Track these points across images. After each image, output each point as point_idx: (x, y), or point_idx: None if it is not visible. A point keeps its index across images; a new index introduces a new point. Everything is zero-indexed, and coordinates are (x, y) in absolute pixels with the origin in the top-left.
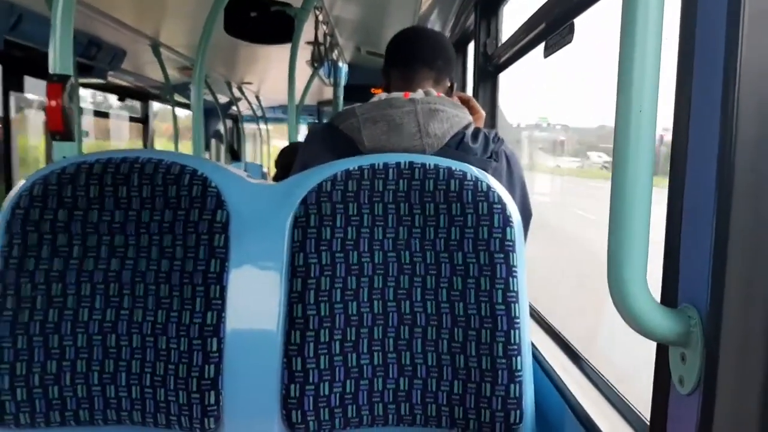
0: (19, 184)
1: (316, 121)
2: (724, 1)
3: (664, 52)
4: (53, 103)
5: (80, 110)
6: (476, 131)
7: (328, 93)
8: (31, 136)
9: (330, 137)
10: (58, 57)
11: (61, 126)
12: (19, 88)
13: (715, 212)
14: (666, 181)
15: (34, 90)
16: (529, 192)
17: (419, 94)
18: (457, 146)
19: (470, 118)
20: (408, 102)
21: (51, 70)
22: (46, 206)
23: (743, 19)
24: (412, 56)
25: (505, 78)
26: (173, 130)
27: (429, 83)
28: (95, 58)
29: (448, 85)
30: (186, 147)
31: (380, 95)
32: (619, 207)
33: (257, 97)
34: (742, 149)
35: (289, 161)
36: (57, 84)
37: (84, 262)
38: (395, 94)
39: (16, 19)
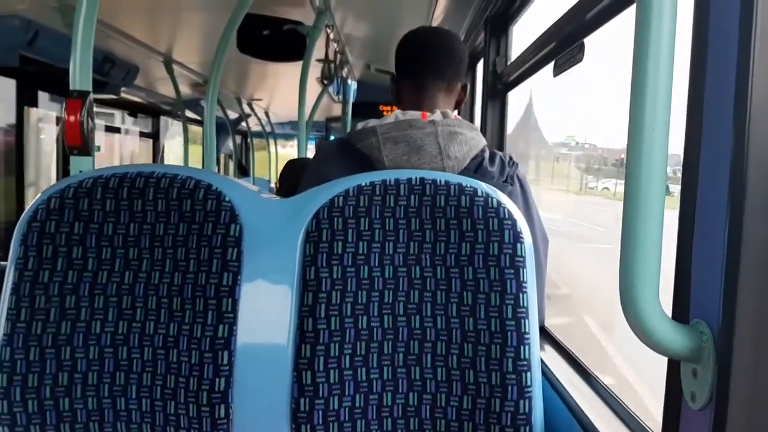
0: (36, 197)
1: (323, 136)
2: (736, 17)
3: (676, 71)
4: (72, 118)
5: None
6: (492, 154)
7: (336, 109)
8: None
9: (346, 156)
10: (78, 74)
11: (80, 141)
12: (34, 104)
13: (727, 227)
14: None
15: (48, 106)
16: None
17: (437, 115)
18: (476, 169)
19: (485, 140)
20: (428, 124)
21: (71, 87)
22: (62, 219)
23: (755, 36)
24: (422, 68)
25: (534, 96)
26: (183, 145)
27: (441, 94)
28: (109, 74)
29: (461, 87)
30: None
31: (396, 113)
32: (631, 223)
33: (266, 113)
34: (755, 164)
35: (296, 178)
36: (77, 100)
37: (98, 274)
38: (412, 114)
39: (33, 36)
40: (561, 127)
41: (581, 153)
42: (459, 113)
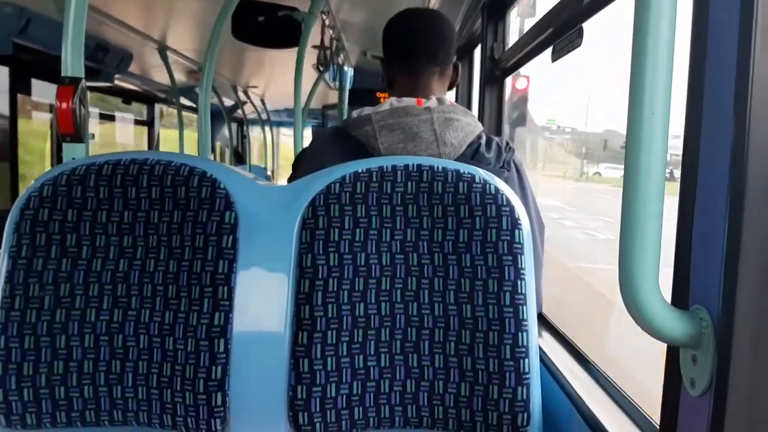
0: (29, 185)
1: (320, 123)
2: (737, 5)
3: (677, 55)
4: (64, 105)
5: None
6: (489, 140)
7: (333, 97)
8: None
9: (342, 144)
10: (70, 60)
11: (72, 128)
12: (27, 91)
13: (727, 213)
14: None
15: (42, 93)
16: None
17: (433, 102)
18: (472, 156)
19: (481, 126)
20: (424, 110)
21: (63, 73)
22: (56, 207)
23: (756, 22)
24: (414, 52)
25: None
26: (179, 133)
27: (434, 79)
28: (103, 61)
29: (452, 68)
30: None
31: (391, 100)
32: (630, 209)
33: (262, 101)
34: (755, 149)
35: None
36: (68, 86)
37: (92, 262)
38: (408, 101)
39: (25, 23)
40: (542, 110)
41: (566, 137)
42: (456, 98)
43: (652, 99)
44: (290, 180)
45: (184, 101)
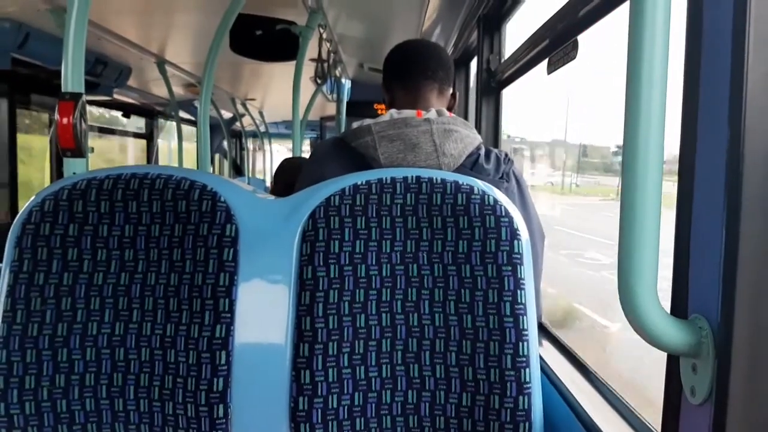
0: (30, 200)
1: (319, 135)
2: (730, 12)
3: (671, 68)
4: (65, 120)
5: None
6: (488, 151)
7: (330, 109)
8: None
9: (342, 155)
10: (70, 76)
11: (73, 143)
12: (27, 106)
13: (725, 222)
14: None
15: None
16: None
17: (432, 113)
18: (471, 167)
19: (480, 138)
20: (423, 121)
21: (63, 89)
22: (57, 222)
23: (749, 28)
24: (414, 70)
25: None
26: (178, 146)
27: (433, 95)
28: (101, 75)
29: (450, 95)
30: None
31: (391, 112)
32: (628, 219)
33: (260, 113)
34: (751, 158)
35: (291, 176)
36: (69, 102)
37: (94, 276)
38: (408, 112)
39: (24, 38)
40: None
41: (516, 146)
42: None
43: (648, 112)
44: (273, 189)
45: (183, 114)
